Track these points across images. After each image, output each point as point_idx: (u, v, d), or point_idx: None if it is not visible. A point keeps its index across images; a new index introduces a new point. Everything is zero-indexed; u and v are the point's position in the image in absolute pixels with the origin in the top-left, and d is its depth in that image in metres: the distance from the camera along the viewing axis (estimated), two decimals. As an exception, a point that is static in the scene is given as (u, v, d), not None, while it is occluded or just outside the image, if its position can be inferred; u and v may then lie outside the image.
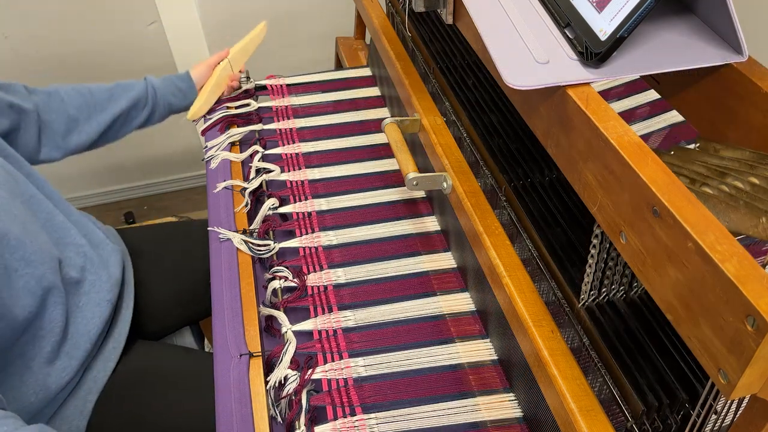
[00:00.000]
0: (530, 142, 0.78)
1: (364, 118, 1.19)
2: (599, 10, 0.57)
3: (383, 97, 1.23)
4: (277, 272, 0.90)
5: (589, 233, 0.56)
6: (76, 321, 0.87)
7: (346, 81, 1.31)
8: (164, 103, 1.13)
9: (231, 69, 1.20)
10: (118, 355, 0.93)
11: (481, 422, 0.72)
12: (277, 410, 0.75)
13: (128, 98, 1.07)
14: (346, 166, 1.09)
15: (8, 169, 0.83)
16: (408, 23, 1.08)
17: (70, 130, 1.01)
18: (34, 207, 0.86)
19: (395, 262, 0.91)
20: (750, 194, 0.50)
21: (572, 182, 0.56)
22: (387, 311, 0.85)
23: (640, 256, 0.47)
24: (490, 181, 0.77)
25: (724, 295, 0.38)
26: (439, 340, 0.81)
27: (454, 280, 0.89)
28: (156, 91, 1.11)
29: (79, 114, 1.02)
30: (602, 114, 0.51)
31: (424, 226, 0.97)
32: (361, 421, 0.72)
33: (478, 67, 0.93)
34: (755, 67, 0.57)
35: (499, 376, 0.77)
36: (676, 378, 0.53)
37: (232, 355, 0.80)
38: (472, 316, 0.84)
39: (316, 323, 0.83)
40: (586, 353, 0.60)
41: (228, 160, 1.12)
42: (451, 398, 0.75)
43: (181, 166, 2.15)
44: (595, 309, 0.60)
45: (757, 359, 0.37)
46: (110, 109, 1.04)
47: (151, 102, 1.10)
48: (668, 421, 0.54)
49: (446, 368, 0.78)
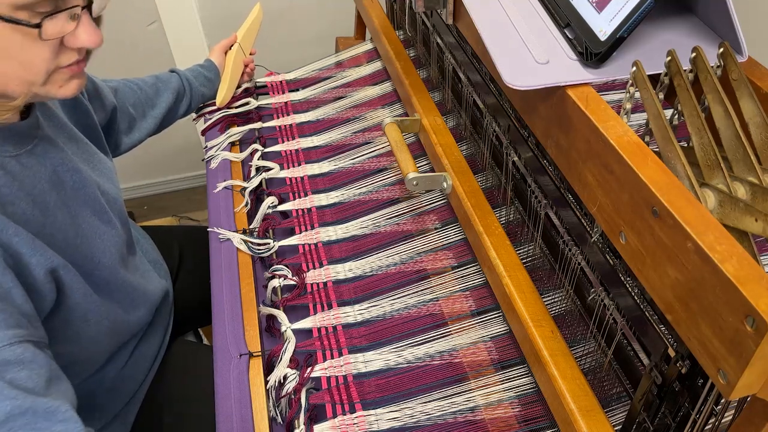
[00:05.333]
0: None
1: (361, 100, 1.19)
2: (599, 10, 0.57)
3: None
4: (277, 271, 0.90)
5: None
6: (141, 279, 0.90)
7: (342, 64, 1.30)
8: (198, 93, 1.15)
9: (243, 53, 1.22)
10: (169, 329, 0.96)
11: (476, 406, 0.72)
12: (278, 410, 0.75)
13: (171, 91, 1.09)
14: (344, 156, 1.09)
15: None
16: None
17: (131, 127, 1.03)
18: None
19: (394, 250, 0.91)
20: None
21: (572, 182, 0.56)
22: (387, 303, 0.84)
23: (639, 256, 0.47)
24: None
25: (724, 296, 0.38)
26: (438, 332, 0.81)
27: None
28: (190, 83, 1.13)
29: (135, 112, 1.03)
30: (602, 114, 0.51)
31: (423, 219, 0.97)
32: (361, 418, 0.72)
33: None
34: (755, 67, 0.57)
35: (491, 358, 0.77)
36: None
37: (232, 355, 0.80)
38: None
39: (316, 321, 0.83)
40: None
41: (228, 160, 1.12)
42: (448, 386, 0.74)
43: (181, 166, 2.15)
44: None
45: (757, 359, 0.37)
46: (160, 104, 1.07)
47: (188, 93, 1.13)
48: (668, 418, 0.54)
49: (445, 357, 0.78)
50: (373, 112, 1.16)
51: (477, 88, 0.87)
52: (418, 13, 0.95)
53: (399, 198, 0.98)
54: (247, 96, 1.23)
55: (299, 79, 1.29)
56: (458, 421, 0.72)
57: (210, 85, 1.18)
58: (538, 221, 0.72)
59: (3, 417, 0.51)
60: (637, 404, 0.57)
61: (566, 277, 0.68)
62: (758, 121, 0.52)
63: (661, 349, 0.52)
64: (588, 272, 0.63)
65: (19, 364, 0.55)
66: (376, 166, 1.05)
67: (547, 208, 0.69)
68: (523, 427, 0.71)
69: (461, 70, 0.91)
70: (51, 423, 0.53)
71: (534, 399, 0.72)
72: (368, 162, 1.06)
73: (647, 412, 0.56)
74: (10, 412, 0.51)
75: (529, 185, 0.72)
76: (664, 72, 0.54)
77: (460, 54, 0.91)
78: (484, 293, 0.82)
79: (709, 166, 0.49)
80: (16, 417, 0.51)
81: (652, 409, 0.55)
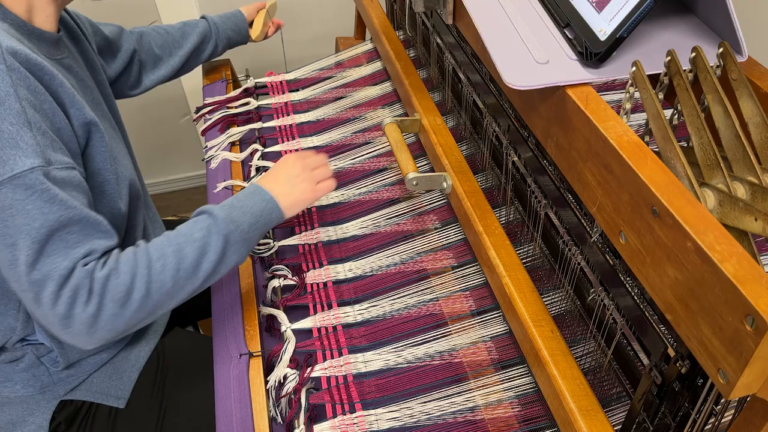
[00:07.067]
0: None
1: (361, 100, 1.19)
2: (599, 10, 0.57)
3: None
4: (277, 271, 0.90)
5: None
6: (152, 232, 0.95)
7: (342, 64, 1.30)
8: (224, 36, 1.22)
9: (270, 14, 1.30)
10: (167, 318, 0.96)
11: (475, 406, 0.72)
12: (278, 410, 0.75)
13: (198, 33, 1.18)
14: (344, 156, 1.09)
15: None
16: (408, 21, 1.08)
17: (156, 65, 1.14)
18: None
19: (394, 250, 0.91)
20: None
21: (572, 182, 0.56)
22: (387, 303, 0.84)
23: (639, 256, 0.47)
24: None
25: (723, 295, 0.38)
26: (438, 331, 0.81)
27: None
28: (218, 27, 1.21)
29: (162, 52, 1.15)
30: (602, 114, 0.51)
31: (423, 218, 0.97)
32: (361, 418, 0.72)
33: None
34: (755, 66, 0.57)
35: (491, 358, 0.77)
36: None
37: (232, 355, 0.80)
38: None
39: (316, 321, 0.83)
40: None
41: (228, 160, 1.12)
42: (448, 386, 0.75)
43: (181, 166, 2.15)
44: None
45: (756, 359, 0.37)
46: (186, 44, 1.17)
47: (215, 36, 1.21)
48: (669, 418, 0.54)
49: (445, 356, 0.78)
50: (373, 112, 1.16)
51: (477, 88, 0.87)
52: (418, 13, 0.95)
53: (399, 198, 0.98)
54: (247, 96, 1.23)
55: (299, 79, 1.29)
56: (458, 421, 0.72)
57: (237, 29, 1.24)
58: (538, 221, 0.72)
59: (65, 221, 0.64)
60: (637, 404, 0.57)
61: (566, 277, 0.68)
62: (758, 120, 0.52)
63: (661, 349, 0.52)
64: (588, 272, 0.63)
65: (72, 185, 0.67)
66: (376, 167, 1.05)
67: (547, 208, 0.69)
68: (523, 427, 0.71)
69: (461, 70, 0.91)
70: (96, 232, 0.68)
71: (534, 399, 0.72)
72: (368, 162, 1.06)
73: (647, 412, 0.56)
74: (71, 218, 0.65)
75: (529, 185, 0.72)
76: (664, 72, 0.54)
77: (460, 54, 0.91)
78: (484, 293, 0.82)
79: (709, 166, 0.49)
80: (73, 223, 0.65)
81: (652, 409, 0.55)
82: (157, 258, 0.69)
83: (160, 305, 0.70)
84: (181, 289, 0.70)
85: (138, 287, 0.67)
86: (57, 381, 0.83)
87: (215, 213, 0.73)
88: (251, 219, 0.75)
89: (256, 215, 0.75)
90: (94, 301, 0.65)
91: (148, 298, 0.68)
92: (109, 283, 0.66)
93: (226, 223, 0.72)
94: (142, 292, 0.67)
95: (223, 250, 0.72)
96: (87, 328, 0.66)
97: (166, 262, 0.69)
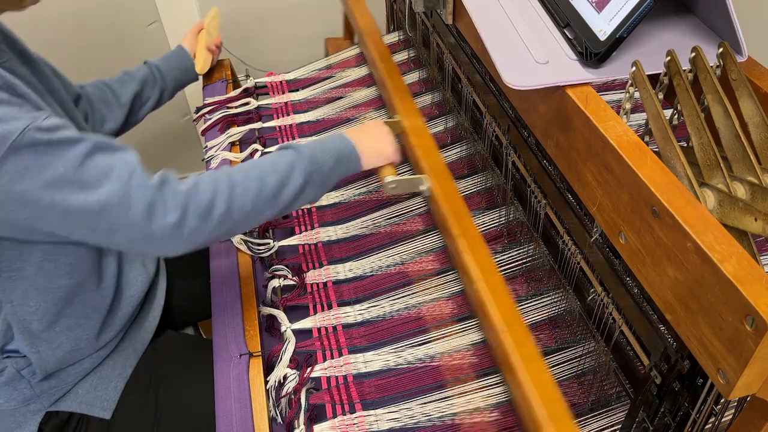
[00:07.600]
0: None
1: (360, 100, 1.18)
2: (599, 10, 0.57)
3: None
4: (277, 271, 0.90)
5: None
6: (124, 281, 0.91)
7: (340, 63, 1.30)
8: (171, 78, 1.19)
9: (211, 35, 1.28)
10: (155, 325, 0.95)
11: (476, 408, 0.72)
12: (278, 410, 0.75)
13: (137, 80, 1.14)
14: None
15: None
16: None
17: (104, 119, 1.11)
18: None
19: (394, 250, 0.91)
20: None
21: (571, 182, 0.56)
22: (387, 303, 0.84)
23: (639, 256, 0.47)
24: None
25: (723, 295, 0.38)
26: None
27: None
28: (160, 70, 1.18)
29: (103, 107, 1.11)
30: (601, 114, 0.51)
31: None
32: (361, 418, 0.72)
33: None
34: (755, 67, 0.57)
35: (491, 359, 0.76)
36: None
37: (232, 355, 0.80)
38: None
39: (316, 321, 0.83)
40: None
41: (228, 160, 1.12)
42: (449, 386, 0.74)
43: (181, 166, 2.14)
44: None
45: (756, 359, 0.37)
46: (125, 93, 1.13)
47: (159, 80, 1.17)
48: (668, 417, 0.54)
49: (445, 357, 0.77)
50: (374, 113, 1.15)
51: (477, 88, 0.87)
52: (418, 13, 0.95)
53: (399, 198, 0.98)
54: (247, 96, 1.23)
55: (299, 79, 1.29)
56: (458, 422, 0.72)
57: (183, 68, 1.21)
58: (538, 221, 0.72)
59: (92, 145, 0.67)
60: (637, 404, 0.57)
61: (566, 277, 0.68)
62: (757, 120, 0.52)
63: (661, 349, 0.52)
64: (588, 272, 0.63)
65: (65, 126, 0.68)
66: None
67: (547, 208, 0.69)
68: (523, 427, 0.71)
69: (461, 70, 0.91)
70: (123, 153, 0.70)
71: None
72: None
73: (647, 411, 0.56)
74: (96, 144, 0.68)
75: (528, 185, 0.72)
76: (664, 72, 0.54)
77: (460, 54, 0.91)
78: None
79: (709, 166, 0.49)
80: (100, 148, 0.68)
81: (651, 409, 0.55)
82: (240, 180, 0.72)
83: (241, 224, 0.74)
84: (259, 213, 0.74)
85: (218, 205, 0.71)
86: (39, 393, 0.82)
87: (301, 150, 0.77)
88: (332, 162, 0.78)
89: (336, 158, 0.79)
90: (178, 212, 0.70)
91: (229, 216, 0.71)
92: (191, 198, 0.71)
93: (310, 162, 0.76)
94: (222, 210, 0.71)
95: (302, 186, 0.75)
96: (172, 233, 0.70)
97: (249, 186, 0.72)
